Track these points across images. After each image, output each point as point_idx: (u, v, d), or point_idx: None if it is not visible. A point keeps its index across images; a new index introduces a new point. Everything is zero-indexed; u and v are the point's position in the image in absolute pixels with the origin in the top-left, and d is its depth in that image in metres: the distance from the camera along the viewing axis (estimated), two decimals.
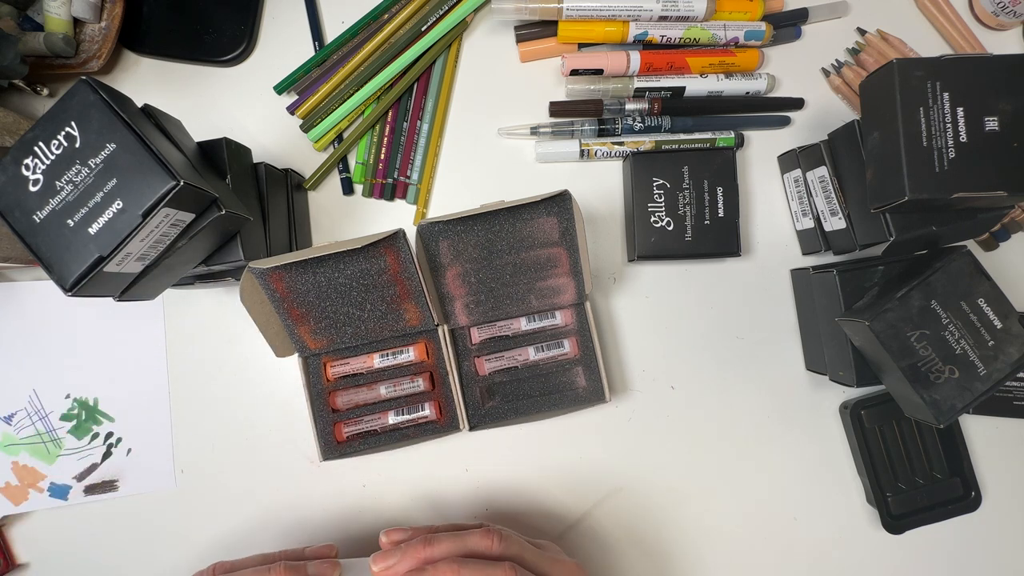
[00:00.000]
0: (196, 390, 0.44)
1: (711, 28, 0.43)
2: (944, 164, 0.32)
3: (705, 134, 0.45)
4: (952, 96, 0.32)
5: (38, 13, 0.41)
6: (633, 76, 0.45)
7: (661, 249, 0.42)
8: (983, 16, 0.47)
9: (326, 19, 0.46)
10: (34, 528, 0.44)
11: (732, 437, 0.45)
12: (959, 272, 0.35)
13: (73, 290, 0.29)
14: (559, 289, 0.41)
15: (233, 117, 0.45)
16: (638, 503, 0.45)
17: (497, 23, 0.46)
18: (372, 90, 0.44)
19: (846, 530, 0.45)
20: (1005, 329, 0.35)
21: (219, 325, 0.45)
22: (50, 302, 0.44)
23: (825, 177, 0.41)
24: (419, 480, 0.44)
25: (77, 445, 0.44)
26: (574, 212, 0.38)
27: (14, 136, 0.38)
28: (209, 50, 0.45)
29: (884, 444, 0.43)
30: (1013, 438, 0.46)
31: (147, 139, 0.29)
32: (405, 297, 0.39)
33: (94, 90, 0.29)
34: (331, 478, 0.44)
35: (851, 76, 0.45)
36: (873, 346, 0.36)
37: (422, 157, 0.45)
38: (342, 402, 0.41)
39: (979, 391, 0.35)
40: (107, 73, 0.45)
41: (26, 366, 0.44)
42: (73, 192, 0.29)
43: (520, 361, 0.42)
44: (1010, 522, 0.46)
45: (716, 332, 0.45)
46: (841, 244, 0.41)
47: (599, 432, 0.45)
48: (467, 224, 0.39)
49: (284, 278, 0.37)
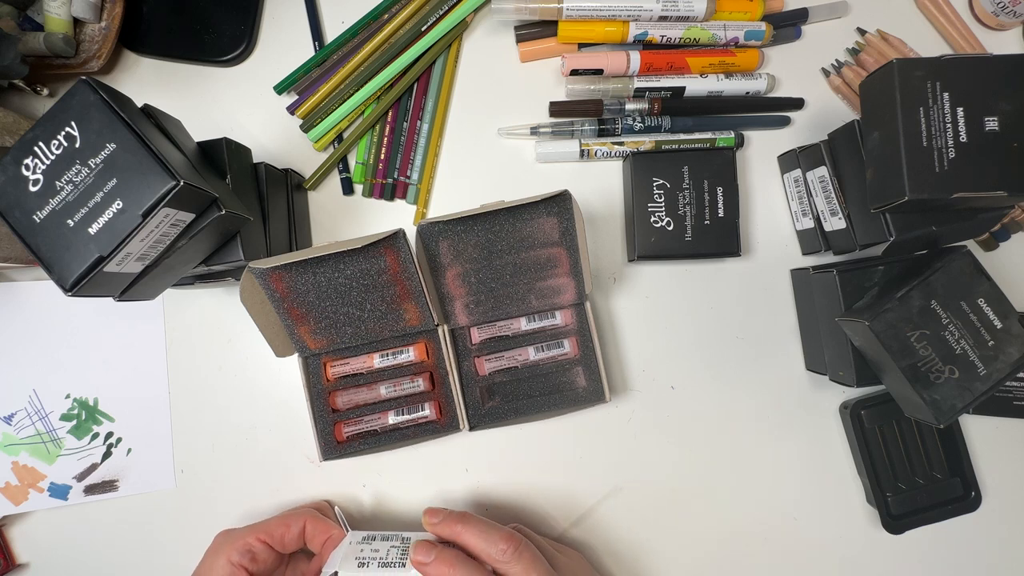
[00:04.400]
0: (196, 390, 0.44)
1: (711, 28, 0.43)
2: (944, 164, 0.32)
3: (705, 134, 0.44)
4: (952, 96, 0.32)
5: (38, 13, 0.41)
6: (633, 76, 0.45)
7: (661, 249, 0.42)
8: (983, 16, 0.47)
9: (326, 19, 0.46)
10: (34, 528, 0.44)
11: (732, 437, 0.45)
12: (959, 272, 0.35)
13: (73, 290, 0.29)
14: (559, 289, 0.41)
15: (233, 117, 0.45)
16: (638, 503, 0.45)
17: (497, 23, 0.46)
18: (372, 90, 0.44)
19: (846, 530, 0.45)
20: (1005, 329, 0.35)
21: (219, 325, 0.45)
22: (50, 302, 0.44)
23: (825, 177, 0.41)
24: (419, 480, 0.44)
25: (77, 445, 0.44)
26: (574, 212, 0.38)
27: (14, 136, 0.38)
28: (209, 50, 0.45)
29: (884, 444, 0.43)
30: (1013, 438, 0.46)
31: (147, 139, 0.29)
32: (405, 297, 0.39)
33: (94, 90, 0.29)
34: (331, 478, 0.44)
35: (851, 76, 0.45)
36: (873, 346, 0.36)
37: (422, 157, 0.45)
38: (342, 402, 0.41)
39: (979, 391, 0.35)
40: (107, 73, 0.45)
41: (26, 366, 0.44)
42: (73, 192, 0.29)
43: (520, 361, 0.42)
44: (1010, 522, 0.46)
45: (716, 332, 0.45)
46: (841, 244, 0.41)
47: (599, 432, 0.45)
48: (467, 224, 0.39)
49: (284, 278, 0.37)
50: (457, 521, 0.36)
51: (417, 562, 0.34)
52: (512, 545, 0.34)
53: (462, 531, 0.36)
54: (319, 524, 0.39)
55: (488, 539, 0.35)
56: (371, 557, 0.36)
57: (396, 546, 0.37)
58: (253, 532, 0.38)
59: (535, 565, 0.34)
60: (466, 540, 0.35)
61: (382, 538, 0.37)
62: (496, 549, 0.34)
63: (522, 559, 0.34)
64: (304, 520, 0.39)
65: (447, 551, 0.35)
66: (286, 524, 0.38)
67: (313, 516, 0.39)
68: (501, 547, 0.34)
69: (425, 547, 0.35)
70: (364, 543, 0.37)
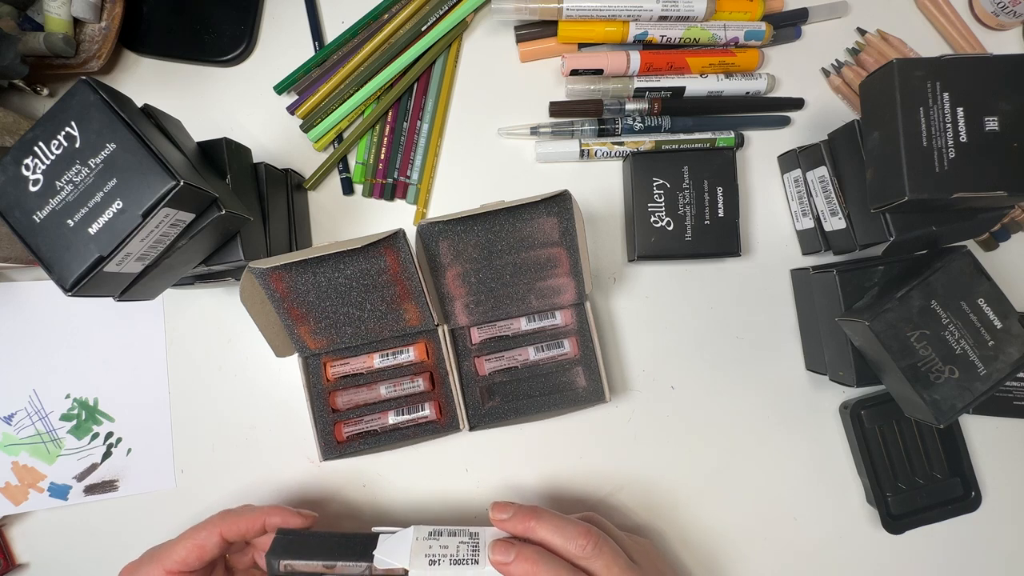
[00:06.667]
0: (196, 390, 0.44)
1: (711, 28, 0.43)
2: (944, 164, 0.32)
3: (705, 134, 0.44)
4: (952, 96, 0.32)
5: (38, 13, 0.41)
6: (633, 76, 0.45)
7: (661, 249, 0.42)
8: (983, 16, 0.47)
9: (326, 19, 0.46)
10: (34, 528, 0.44)
11: (732, 437, 0.45)
12: (959, 272, 0.35)
13: (73, 290, 0.29)
14: (559, 289, 0.41)
15: (233, 117, 0.45)
16: (638, 503, 0.45)
17: (497, 23, 0.46)
18: (372, 90, 0.44)
19: (846, 530, 0.45)
20: (1005, 329, 0.35)
21: (219, 325, 0.45)
22: (50, 302, 0.44)
23: (825, 177, 0.41)
24: (419, 480, 0.44)
25: (77, 445, 0.44)
26: (574, 212, 0.38)
27: (14, 136, 0.38)
28: (209, 50, 0.45)
29: (884, 444, 0.43)
30: (1013, 438, 0.46)
31: (147, 139, 0.29)
32: (405, 297, 0.39)
33: (94, 90, 0.29)
34: (331, 478, 0.44)
35: (851, 76, 0.45)
36: (873, 346, 0.36)
37: (422, 157, 0.45)
38: (342, 402, 0.41)
39: (979, 391, 0.35)
40: (107, 73, 0.45)
41: (26, 366, 0.44)
42: (73, 192, 0.29)
43: (520, 361, 0.42)
44: (1010, 522, 0.46)
45: (716, 332, 0.45)
46: (841, 244, 0.41)
47: (599, 432, 0.45)
48: (467, 224, 0.39)
49: (284, 278, 0.37)
50: (530, 516, 0.35)
51: (497, 562, 0.33)
52: (591, 541, 0.34)
53: (536, 527, 0.34)
54: (234, 522, 0.36)
55: (565, 535, 0.34)
56: (441, 554, 0.34)
57: (465, 542, 0.35)
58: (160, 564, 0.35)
59: (615, 560, 0.34)
60: (542, 536, 0.34)
61: (448, 533, 0.35)
62: (575, 545, 0.33)
63: (603, 555, 0.33)
64: (217, 530, 0.36)
65: (527, 548, 0.33)
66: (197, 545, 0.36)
67: (225, 521, 0.36)
68: (580, 543, 0.33)
69: (504, 546, 0.33)
70: (431, 539, 0.35)
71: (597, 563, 0.33)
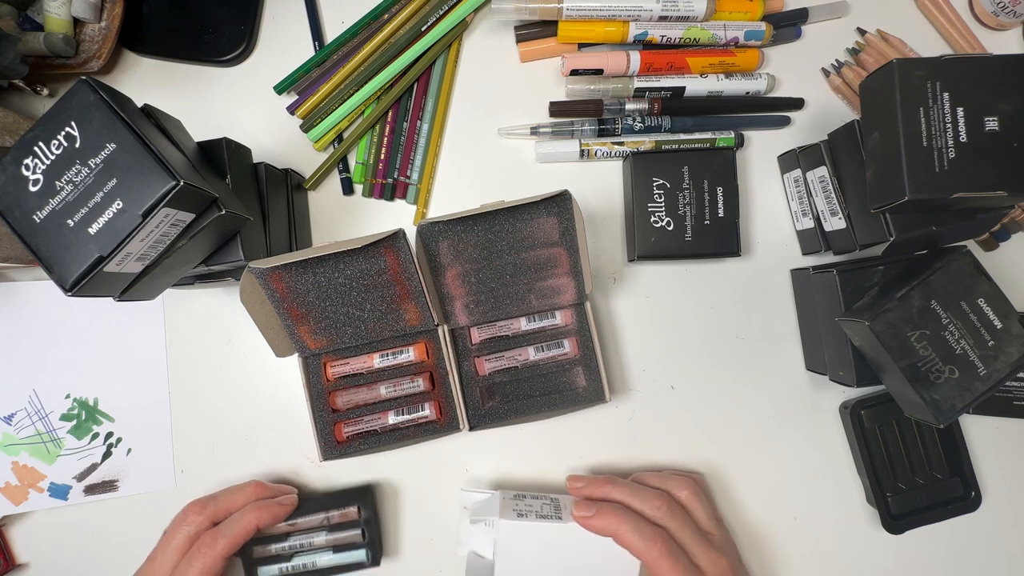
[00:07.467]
0: (196, 390, 0.44)
1: (711, 28, 0.43)
2: (944, 164, 0.32)
3: (705, 134, 0.44)
4: (952, 96, 0.32)
5: (38, 13, 0.41)
6: (633, 76, 0.45)
7: (661, 249, 0.42)
8: (983, 16, 0.47)
9: (326, 19, 0.46)
10: (34, 528, 0.44)
11: (732, 437, 0.45)
12: (959, 272, 0.35)
13: (73, 290, 0.29)
14: (559, 289, 0.41)
15: (233, 117, 0.45)
16: None
17: (497, 23, 0.46)
18: (372, 90, 0.44)
19: (846, 530, 0.45)
20: (1005, 329, 0.35)
21: (219, 325, 0.45)
22: (50, 302, 0.44)
23: (825, 177, 0.41)
24: (419, 480, 0.44)
25: (77, 445, 0.44)
26: (574, 212, 0.38)
27: (14, 136, 0.38)
28: (209, 50, 0.45)
29: (884, 444, 0.43)
30: (1013, 438, 0.46)
31: (147, 139, 0.29)
32: (405, 297, 0.39)
33: (94, 90, 0.29)
34: (331, 478, 0.44)
35: (851, 76, 0.45)
36: (873, 346, 0.36)
37: (422, 157, 0.45)
38: (342, 402, 0.41)
39: (979, 391, 0.35)
40: (107, 73, 0.45)
41: (26, 366, 0.44)
42: (73, 192, 0.29)
43: (520, 361, 0.42)
44: (1010, 522, 0.46)
45: (716, 332, 0.45)
46: (841, 244, 0.41)
47: (599, 432, 0.45)
48: (467, 224, 0.39)
49: (284, 278, 0.37)
50: (606, 483, 0.39)
51: (580, 516, 0.36)
52: (665, 502, 0.37)
53: (613, 491, 0.38)
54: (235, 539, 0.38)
55: (641, 497, 0.37)
56: (527, 510, 0.38)
57: (548, 503, 0.39)
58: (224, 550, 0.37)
59: (687, 523, 0.37)
60: (619, 498, 0.38)
61: (532, 496, 0.39)
62: (650, 506, 0.37)
63: (675, 517, 0.37)
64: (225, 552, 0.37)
65: (607, 505, 0.37)
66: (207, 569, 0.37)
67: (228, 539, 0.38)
68: (655, 503, 0.37)
69: (585, 503, 0.37)
70: (516, 499, 0.39)
71: (671, 523, 0.36)
